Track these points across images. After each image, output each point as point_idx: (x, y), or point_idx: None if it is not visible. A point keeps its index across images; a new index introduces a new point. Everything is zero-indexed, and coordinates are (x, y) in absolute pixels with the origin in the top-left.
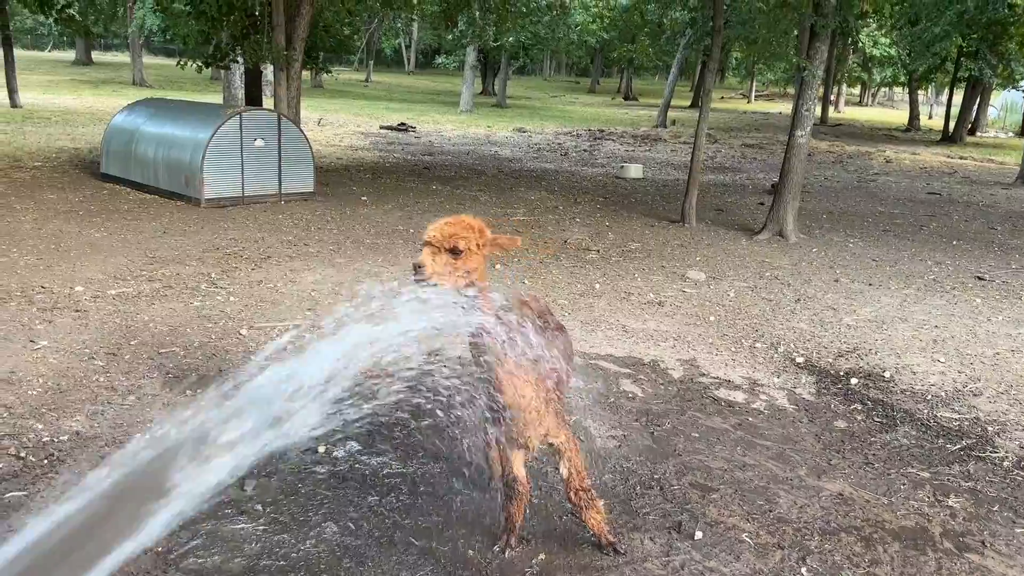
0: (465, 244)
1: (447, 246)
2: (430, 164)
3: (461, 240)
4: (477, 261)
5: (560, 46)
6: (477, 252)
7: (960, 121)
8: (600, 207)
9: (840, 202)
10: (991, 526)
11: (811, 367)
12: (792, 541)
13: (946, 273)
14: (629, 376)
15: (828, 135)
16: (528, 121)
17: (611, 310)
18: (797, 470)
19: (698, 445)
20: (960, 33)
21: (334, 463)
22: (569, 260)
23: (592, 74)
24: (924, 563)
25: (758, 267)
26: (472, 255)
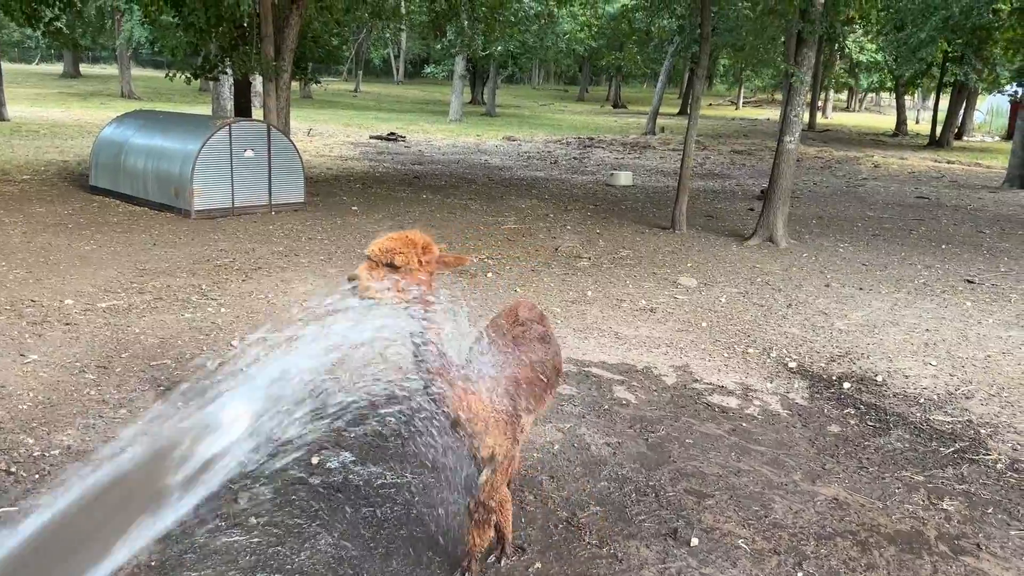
0: (403, 260)
1: (384, 261)
2: (420, 173)
3: (398, 256)
4: (417, 278)
5: (548, 55)
6: (418, 269)
7: (947, 125)
8: (591, 214)
9: (829, 207)
10: (986, 528)
11: (804, 372)
12: (788, 546)
13: (936, 277)
14: (622, 383)
15: (816, 141)
16: (518, 130)
17: (603, 317)
18: (792, 475)
19: (692, 451)
20: (945, 38)
21: (328, 474)
22: (561, 267)
23: (581, 82)
24: (920, 566)
25: (749, 273)
26: (413, 272)
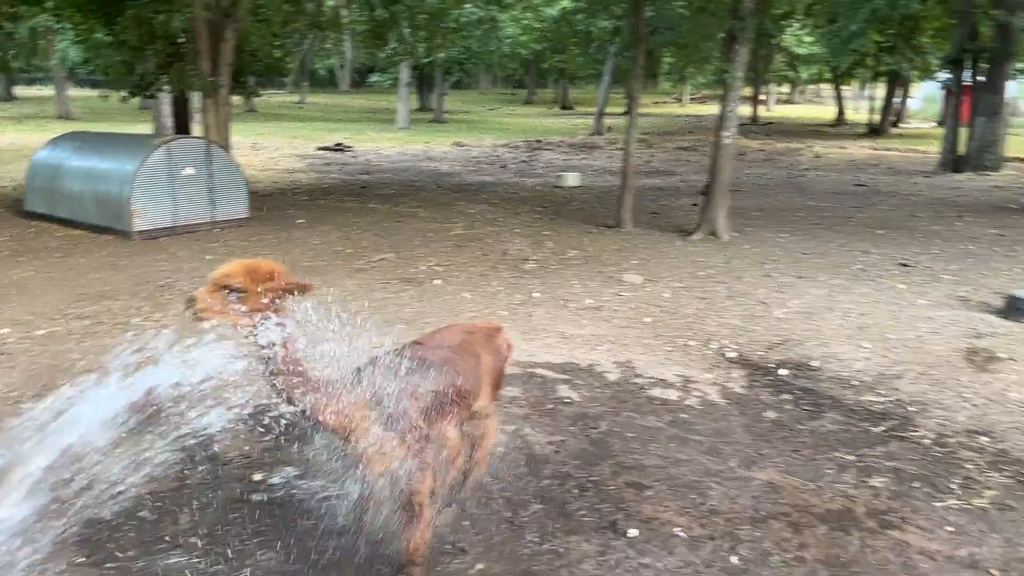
0: (240, 284)
1: (223, 285)
2: (368, 183)
3: (235, 280)
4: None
5: (493, 59)
6: (258, 293)
7: (884, 114)
8: (539, 217)
9: (771, 198)
10: (912, 503)
11: (742, 361)
12: (723, 531)
13: (872, 262)
14: (566, 382)
15: (760, 134)
16: (466, 135)
17: (550, 318)
18: (729, 462)
19: (633, 444)
20: (876, 29)
21: (271, 490)
22: (509, 271)
23: (528, 85)
24: (848, 543)
25: (692, 267)
26: (252, 297)
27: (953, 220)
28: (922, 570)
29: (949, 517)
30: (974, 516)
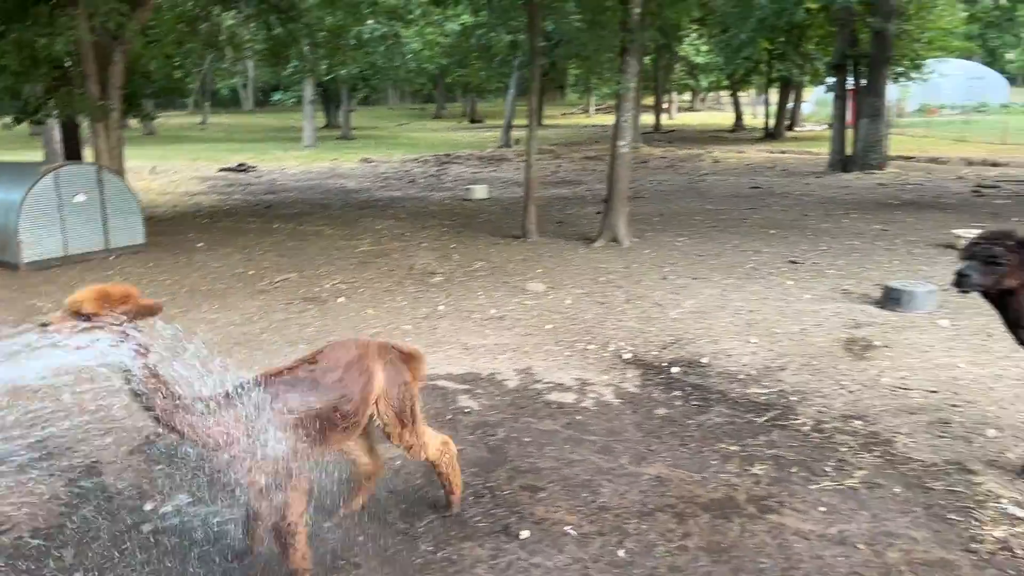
0: (91, 308)
1: (74, 310)
2: (272, 203)
3: (86, 306)
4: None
5: (399, 75)
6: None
7: (778, 118)
8: (447, 230)
9: (671, 204)
10: (790, 487)
11: (637, 361)
12: (612, 527)
13: (764, 260)
14: (467, 392)
15: (662, 141)
16: (375, 151)
17: (454, 330)
18: (620, 459)
19: (529, 449)
20: (764, 37)
21: (161, 519)
22: (415, 285)
23: (437, 100)
24: (729, 529)
25: (594, 273)
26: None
27: (840, 218)
28: (796, 550)
29: (823, 498)
30: (845, 496)
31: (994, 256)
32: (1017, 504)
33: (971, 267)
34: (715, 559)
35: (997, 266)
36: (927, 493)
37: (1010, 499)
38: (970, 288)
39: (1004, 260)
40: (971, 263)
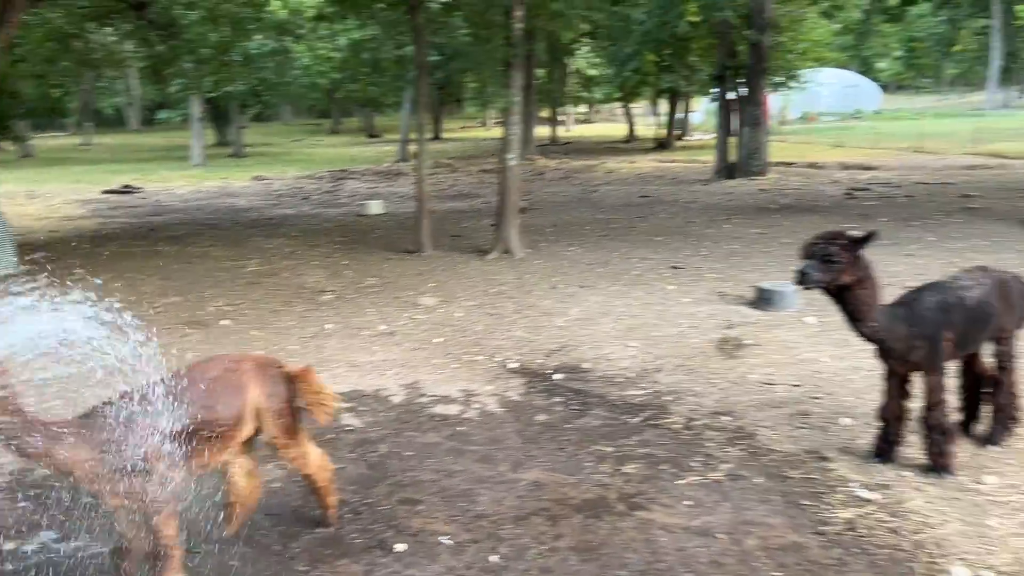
0: None
1: None
2: (157, 224)
3: None
4: None
5: (291, 91)
6: None
7: (669, 128)
8: (339, 247)
9: (565, 214)
10: (659, 483)
11: (523, 370)
12: (487, 533)
13: (649, 267)
14: (351, 409)
15: (559, 153)
16: (268, 168)
17: (342, 348)
18: (499, 467)
19: (411, 463)
20: (650, 50)
21: (23, 557)
22: (304, 304)
23: (333, 115)
24: (600, 528)
25: (486, 285)
26: None
27: (722, 223)
28: (661, 543)
29: (688, 492)
30: (710, 489)
31: (830, 255)
32: (864, 487)
33: (810, 266)
34: (584, 558)
35: (833, 264)
36: (785, 481)
37: (858, 482)
38: (810, 285)
39: (839, 258)
40: (810, 262)
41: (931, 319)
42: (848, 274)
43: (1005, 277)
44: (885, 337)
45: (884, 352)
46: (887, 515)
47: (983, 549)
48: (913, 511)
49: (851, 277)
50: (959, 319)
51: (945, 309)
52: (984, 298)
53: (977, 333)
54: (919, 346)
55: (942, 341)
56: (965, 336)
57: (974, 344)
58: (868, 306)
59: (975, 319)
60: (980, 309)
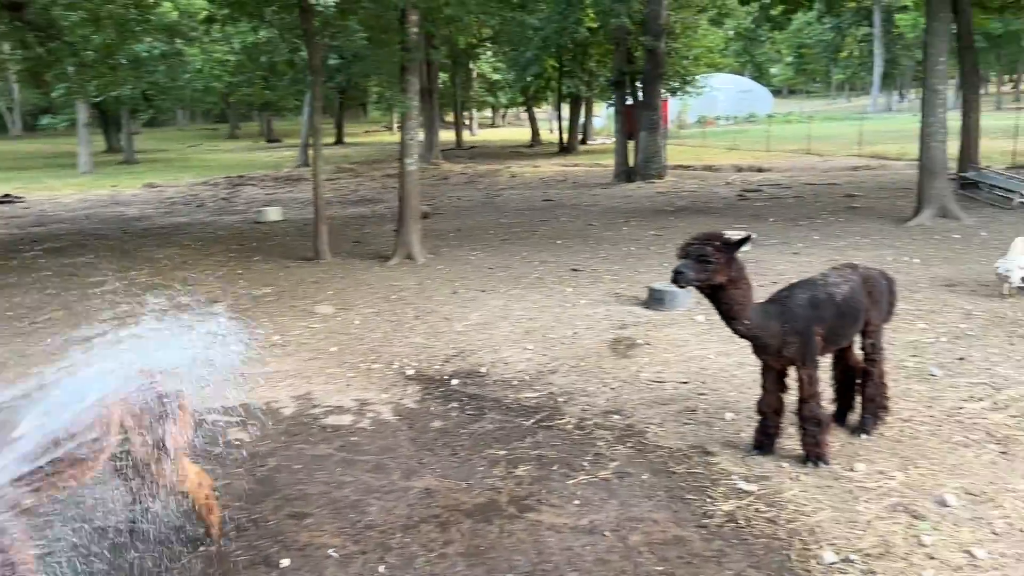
0: None
1: None
2: (39, 236)
3: None
4: None
5: (184, 95)
6: None
7: (571, 132)
8: (234, 255)
9: (468, 219)
10: (550, 484)
11: (420, 377)
12: (376, 544)
13: (549, 270)
14: (238, 424)
15: (463, 158)
16: (161, 175)
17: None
18: (391, 476)
19: (300, 476)
20: (550, 55)
21: None
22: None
23: (231, 119)
24: (489, 531)
25: (386, 291)
26: None
27: (621, 225)
28: (548, 544)
29: (578, 492)
30: (598, 487)
31: (705, 255)
32: (744, 479)
33: (686, 265)
34: (472, 562)
35: (708, 264)
36: (671, 477)
37: (739, 475)
38: (685, 283)
39: (713, 259)
40: (686, 261)
41: (803, 315)
42: (722, 274)
43: (872, 273)
44: (759, 334)
45: (760, 348)
46: (765, 505)
47: (852, 534)
48: (789, 500)
49: (724, 277)
50: (829, 314)
51: (816, 305)
52: (852, 294)
53: (846, 327)
54: (792, 341)
55: (814, 336)
56: (835, 330)
57: (844, 338)
58: (741, 305)
59: (844, 314)
60: (848, 304)
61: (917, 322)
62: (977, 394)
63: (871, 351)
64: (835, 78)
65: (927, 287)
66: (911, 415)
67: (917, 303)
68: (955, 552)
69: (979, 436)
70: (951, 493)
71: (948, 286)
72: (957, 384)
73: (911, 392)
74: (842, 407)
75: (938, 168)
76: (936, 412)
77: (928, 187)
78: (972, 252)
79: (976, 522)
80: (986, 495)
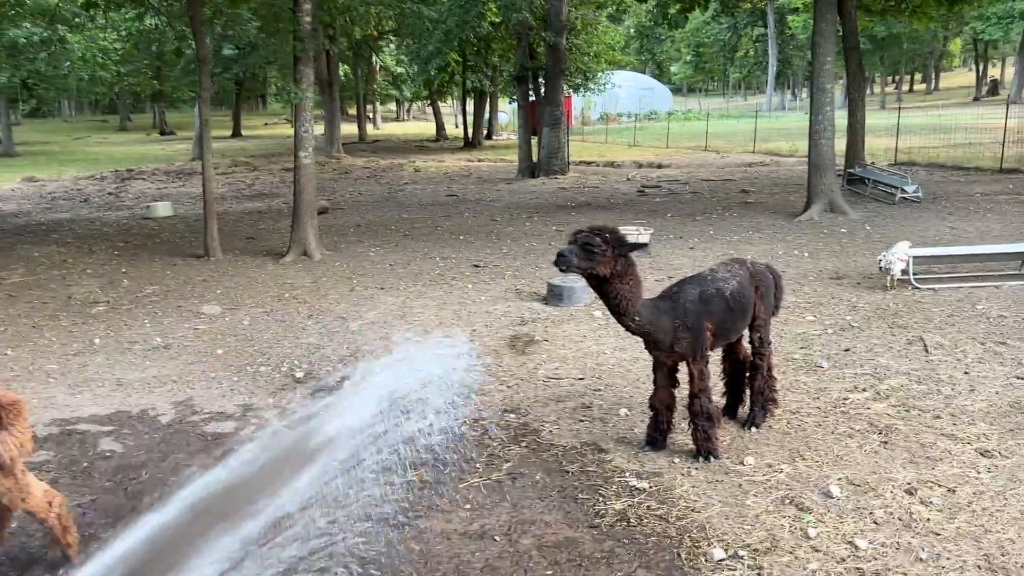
0: None
1: None
2: None
3: None
4: None
5: (69, 84)
6: None
7: (475, 127)
8: (119, 253)
9: (369, 214)
10: (441, 489)
11: (309, 379)
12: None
13: (450, 266)
14: (111, 433)
15: (366, 151)
16: (43, 169)
17: (108, 364)
18: None
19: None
20: (453, 49)
21: None
22: (71, 318)
23: (121, 111)
24: (376, 542)
25: (279, 290)
26: None
27: (524, 221)
28: (437, 551)
29: (469, 495)
30: (491, 490)
31: (591, 245)
32: (637, 476)
33: (571, 251)
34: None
35: (593, 254)
36: (564, 476)
37: (632, 472)
38: (566, 267)
39: (599, 250)
40: (572, 248)
41: (693, 311)
42: (605, 267)
43: (759, 268)
44: (650, 330)
45: (651, 344)
46: (656, 503)
47: (740, 529)
48: (680, 497)
49: (608, 270)
50: (718, 309)
51: (705, 301)
52: (740, 288)
53: (736, 322)
54: (683, 337)
55: (704, 331)
56: (725, 325)
57: (734, 332)
58: (629, 301)
59: (733, 309)
60: (737, 299)
61: (806, 314)
62: (861, 384)
63: (759, 345)
64: (732, 77)
65: (815, 280)
66: (799, 407)
67: (806, 296)
68: (839, 544)
69: (862, 426)
70: (835, 484)
71: (835, 279)
72: (843, 375)
73: (799, 384)
74: (732, 401)
75: (826, 164)
76: (822, 403)
77: (817, 183)
78: (858, 246)
79: (858, 512)
80: (868, 485)
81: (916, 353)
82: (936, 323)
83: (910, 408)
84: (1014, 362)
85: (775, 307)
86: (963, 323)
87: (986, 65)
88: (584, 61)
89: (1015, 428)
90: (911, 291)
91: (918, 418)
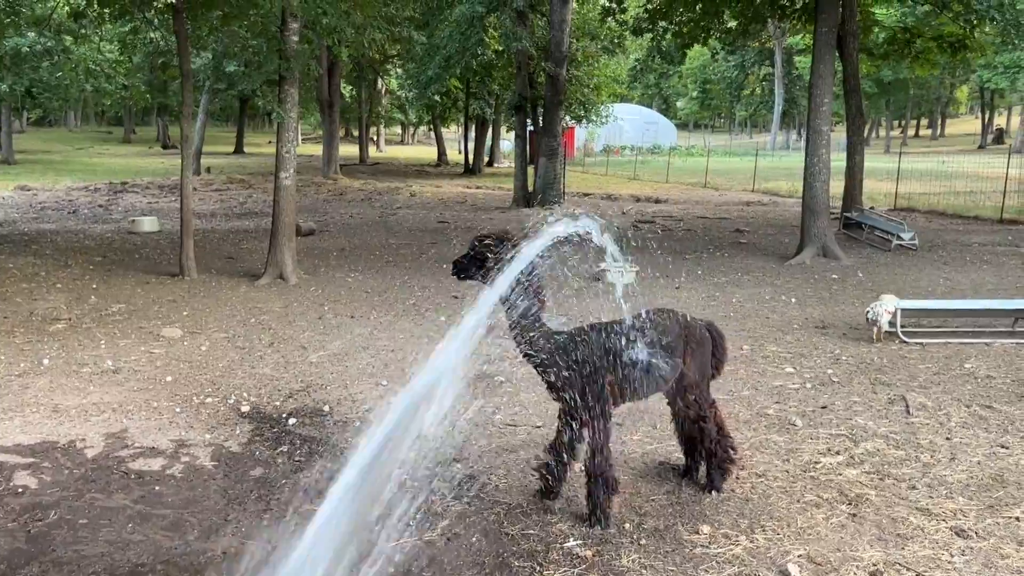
0: None
1: None
2: None
3: None
4: None
5: (71, 94)
6: None
7: (476, 154)
8: (94, 268)
9: (356, 238)
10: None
11: (255, 414)
12: None
13: (427, 296)
14: (29, 466)
15: (365, 174)
16: (39, 178)
17: (50, 388)
18: (187, 535)
19: (82, 533)
20: (453, 76)
21: None
22: (26, 335)
23: (126, 122)
24: None
25: (247, 314)
26: None
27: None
28: None
29: (395, 557)
30: (421, 552)
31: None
32: (582, 542)
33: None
34: None
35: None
36: (502, 540)
37: (577, 537)
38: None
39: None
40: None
41: (593, 359)
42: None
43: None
44: (541, 363)
45: (544, 380)
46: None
47: None
48: (627, 570)
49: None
50: (627, 362)
51: (611, 351)
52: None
53: (649, 381)
54: (574, 384)
55: (602, 384)
56: (633, 382)
57: (646, 391)
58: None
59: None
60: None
61: (785, 365)
62: (835, 447)
63: (696, 409)
64: (738, 114)
65: (800, 328)
66: (766, 469)
67: (788, 345)
68: None
69: (831, 495)
70: (794, 563)
71: (820, 328)
72: (817, 435)
73: (769, 443)
74: (688, 462)
75: (820, 207)
76: (792, 466)
77: (810, 226)
78: (847, 293)
79: None
80: (830, 564)
81: (897, 414)
82: (921, 381)
83: (884, 476)
84: (999, 428)
85: (715, 369)
86: (949, 382)
87: (992, 113)
88: (584, 93)
89: (995, 504)
90: (898, 345)
91: (892, 488)
